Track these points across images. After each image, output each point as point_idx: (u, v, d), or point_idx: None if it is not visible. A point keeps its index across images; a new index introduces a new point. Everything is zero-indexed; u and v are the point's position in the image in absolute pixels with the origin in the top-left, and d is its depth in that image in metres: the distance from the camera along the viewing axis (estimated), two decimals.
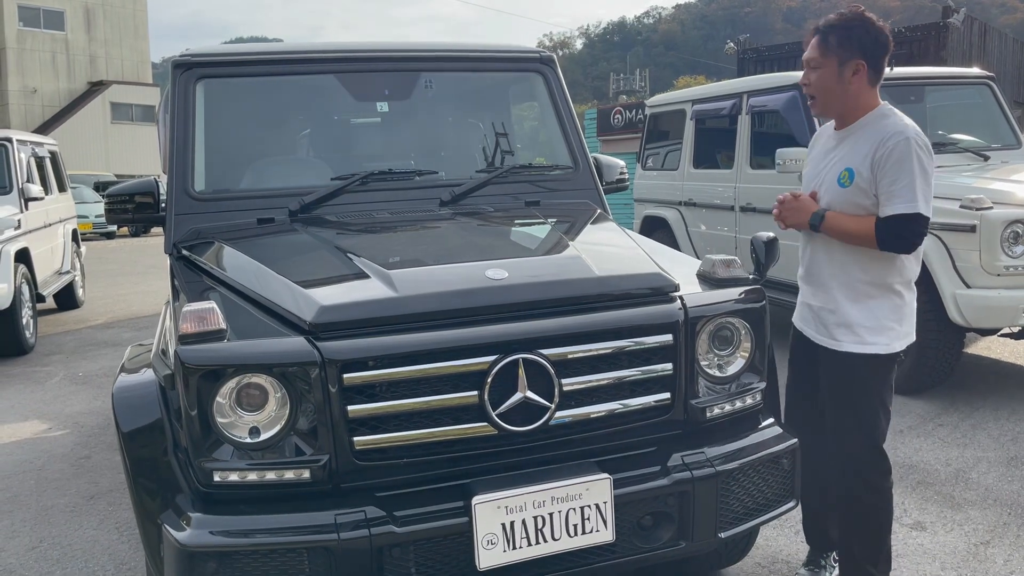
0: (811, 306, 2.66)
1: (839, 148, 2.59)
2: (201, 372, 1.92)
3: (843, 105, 2.55)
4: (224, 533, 1.92)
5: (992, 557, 3.16)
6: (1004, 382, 5.64)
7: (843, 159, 2.54)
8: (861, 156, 2.48)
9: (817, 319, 2.63)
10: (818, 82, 2.55)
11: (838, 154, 2.58)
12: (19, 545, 3.55)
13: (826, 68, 2.52)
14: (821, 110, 2.61)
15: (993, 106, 6.32)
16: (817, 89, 2.55)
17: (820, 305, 2.61)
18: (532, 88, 3.71)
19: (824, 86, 2.54)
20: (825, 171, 2.60)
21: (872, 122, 2.52)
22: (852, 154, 2.51)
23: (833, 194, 2.54)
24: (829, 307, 2.58)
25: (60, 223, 9.34)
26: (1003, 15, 74.03)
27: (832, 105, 2.57)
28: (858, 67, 2.49)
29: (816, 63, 2.54)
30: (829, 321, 2.58)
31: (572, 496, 2.07)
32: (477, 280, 2.19)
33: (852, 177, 2.48)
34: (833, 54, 2.50)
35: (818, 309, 2.62)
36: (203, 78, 3.21)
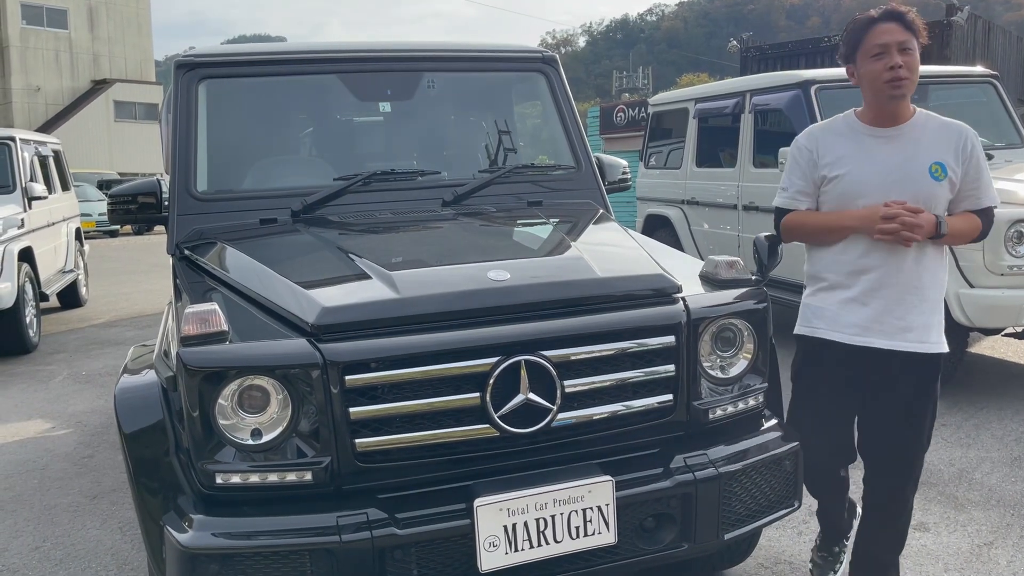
0: (886, 314, 2.47)
1: (897, 146, 2.46)
2: (203, 374, 1.92)
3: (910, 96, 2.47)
4: (226, 535, 1.93)
5: (995, 558, 3.15)
6: (1008, 382, 5.63)
7: (920, 154, 2.43)
8: (944, 150, 2.43)
9: (895, 325, 2.47)
10: (914, 64, 2.40)
11: (902, 152, 2.44)
12: (22, 545, 3.56)
13: (916, 52, 2.41)
14: (909, 95, 2.44)
15: (997, 105, 6.30)
16: (913, 71, 2.40)
17: (904, 311, 2.47)
18: (535, 88, 3.71)
19: (917, 67, 2.41)
20: (895, 169, 2.43)
21: (930, 119, 2.50)
22: (928, 149, 2.43)
23: (923, 188, 2.41)
24: (916, 311, 2.47)
25: (63, 222, 9.35)
26: (1007, 12, 73.82)
27: (912, 92, 2.44)
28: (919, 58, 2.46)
29: (908, 44, 2.39)
30: (916, 325, 2.47)
31: (574, 498, 2.06)
32: (479, 281, 2.19)
33: (945, 171, 2.42)
34: (916, 38, 2.41)
35: (900, 315, 2.47)
36: (205, 78, 3.21)
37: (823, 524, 2.94)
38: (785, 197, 2.63)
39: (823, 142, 2.57)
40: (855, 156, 2.49)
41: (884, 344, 2.48)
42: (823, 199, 2.56)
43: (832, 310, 2.54)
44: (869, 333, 2.49)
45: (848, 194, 2.48)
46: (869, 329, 2.49)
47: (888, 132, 2.48)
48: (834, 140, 2.55)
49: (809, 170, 2.57)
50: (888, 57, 2.38)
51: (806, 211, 2.59)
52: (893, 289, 2.46)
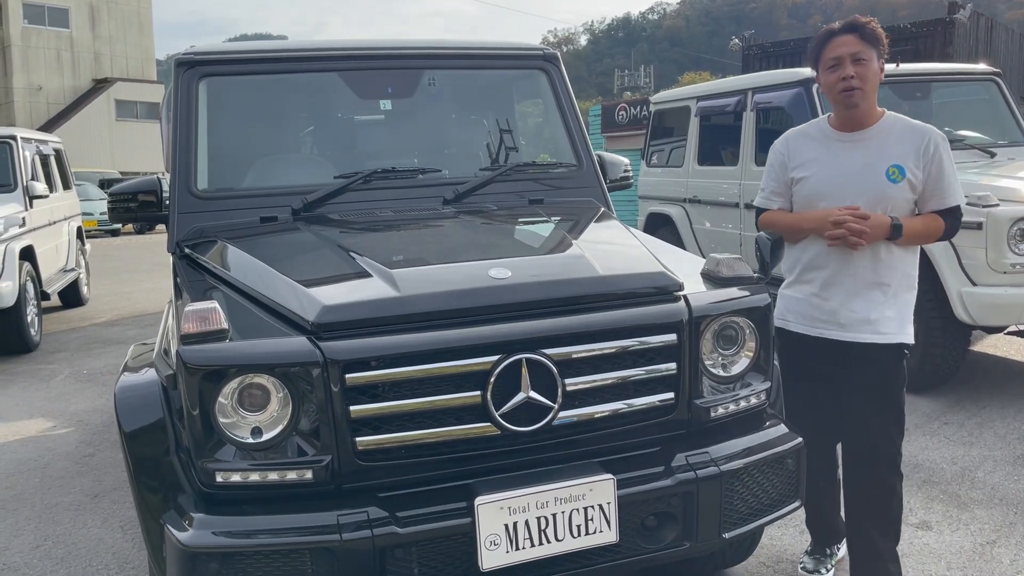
0: (842, 308, 2.62)
1: (861, 150, 2.60)
2: (203, 372, 1.92)
3: (873, 101, 2.60)
4: (226, 534, 1.92)
5: (998, 557, 3.15)
6: (1011, 380, 5.62)
7: (879, 158, 2.56)
8: (904, 153, 2.55)
9: (852, 319, 2.61)
10: (867, 74, 2.54)
11: (865, 155, 2.58)
12: (23, 543, 3.56)
13: (871, 62, 2.55)
14: (863, 104, 2.57)
15: (1000, 102, 6.29)
16: (866, 81, 2.54)
17: (860, 305, 2.60)
18: (536, 85, 3.70)
19: (872, 79, 2.55)
20: (855, 173, 2.58)
21: (896, 122, 2.62)
22: (889, 152, 2.56)
23: (880, 190, 2.55)
24: (872, 305, 2.60)
25: (65, 220, 9.35)
26: (1010, 10, 73.69)
27: (869, 100, 2.58)
28: (882, 65, 2.59)
29: (862, 56, 2.53)
30: (872, 318, 2.60)
31: (575, 497, 2.05)
32: (480, 279, 2.18)
33: (903, 173, 2.54)
34: (872, 49, 2.55)
35: (855, 308, 2.61)
36: (206, 76, 3.20)
37: (814, 530, 3.01)
38: (761, 197, 2.83)
39: (795, 146, 2.75)
40: (821, 160, 2.66)
41: (841, 336, 2.63)
42: (794, 199, 2.73)
43: (798, 303, 2.73)
44: (828, 326, 2.66)
45: (811, 195, 2.66)
46: (828, 322, 2.66)
47: (853, 136, 2.63)
48: (805, 144, 2.72)
49: (781, 173, 2.76)
50: (841, 68, 2.54)
51: (777, 211, 2.78)
52: (850, 285, 2.61)
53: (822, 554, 3.00)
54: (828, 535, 3.01)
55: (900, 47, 11.95)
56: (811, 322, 2.70)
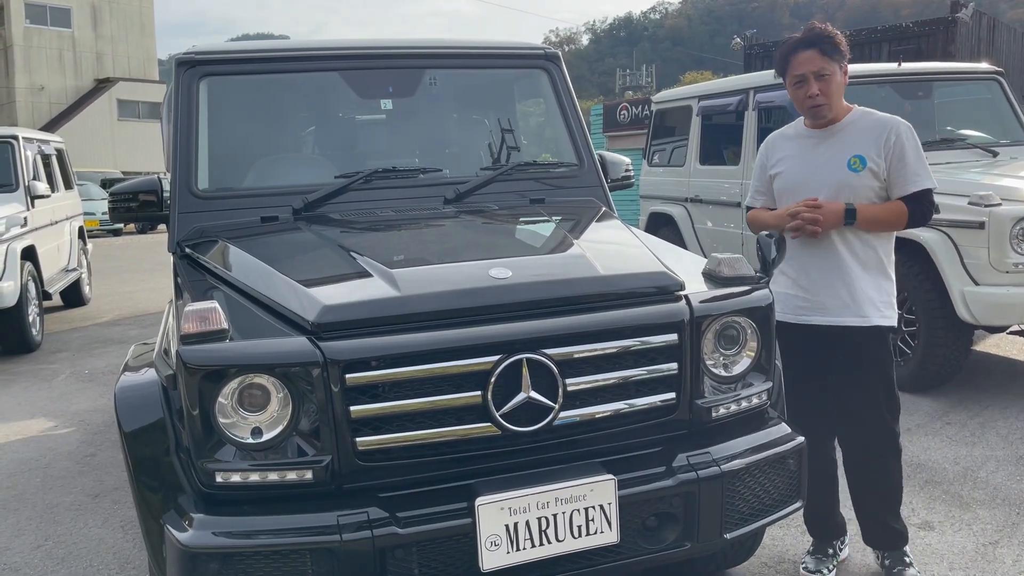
0: (819, 294, 2.77)
1: (828, 144, 2.77)
2: (203, 372, 1.91)
3: (839, 106, 2.76)
4: (226, 534, 1.92)
5: (1001, 557, 3.14)
6: (1013, 380, 5.60)
7: (843, 150, 2.73)
8: (867, 144, 2.70)
9: (832, 304, 2.75)
10: (831, 88, 2.69)
11: (830, 149, 2.76)
12: (24, 543, 3.56)
13: (834, 75, 2.70)
14: (830, 115, 2.74)
15: (1002, 101, 6.27)
16: (831, 95, 2.70)
17: (836, 290, 2.74)
18: (537, 85, 3.69)
19: (834, 90, 2.71)
20: (821, 165, 2.76)
21: (862, 117, 2.77)
22: (853, 144, 2.72)
23: (841, 180, 2.71)
24: (847, 289, 2.73)
25: (66, 220, 9.36)
26: (1012, 10, 73.56)
27: (836, 107, 2.75)
28: (846, 70, 2.75)
29: (824, 71, 2.68)
30: (849, 301, 2.73)
31: (576, 497, 2.05)
32: (481, 279, 2.17)
33: (864, 162, 2.69)
34: (835, 60, 2.69)
35: (832, 294, 2.75)
36: (206, 76, 3.20)
37: (814, 527, 3.03)
38: (749, 196, 3.09)
39: (774, 147, 2.95)
40: (792, 156, 2.85)
41: (822, 320, 2.77)
42: (774, 194, 2.92)
43: (783, 294, 2.82)
44: (811, 311, 2.79)
45: (782, 189, 2.86)
46: (810, 308, 2.79)
47: (821, 133, 2.80)
48: (782, 144, 2.92)
49: (761, 172, 2.99)
50: (807, 86, 2.70)
51: (759, 208, 3.00)
52: (822, 271, 2.76)
53: (824, 554, 2.99)
54: (828, 531, 3.02)
55: (902, 46, 11.93)
56: (794, 311, 2.82)
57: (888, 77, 6.14)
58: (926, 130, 5.95)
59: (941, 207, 4.76)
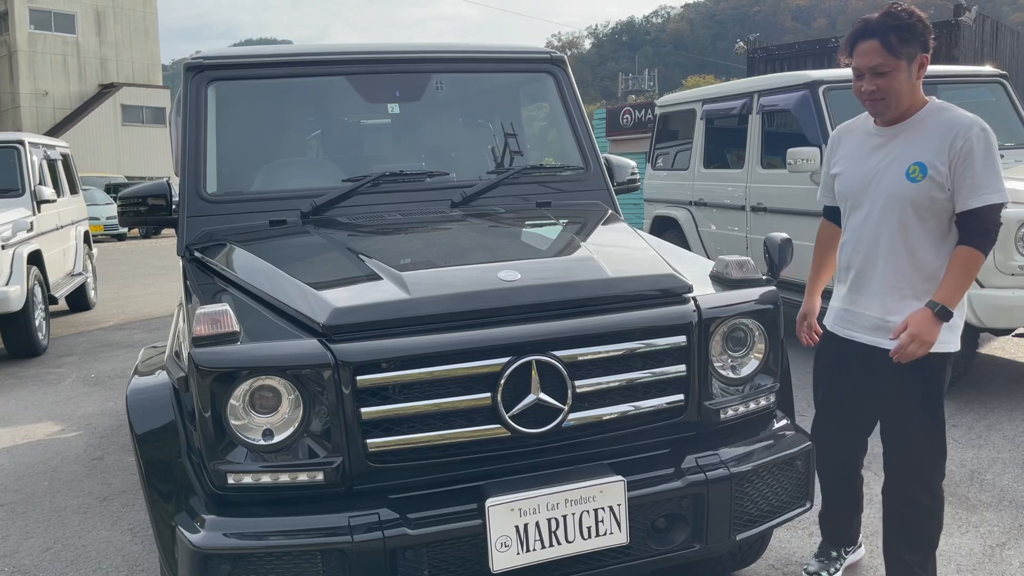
0: (864, 310, 2.58)
1: (891, 145, 2.51)
2: (215, 374, 1.93)
3: (907, 102, 2.47)
4: (238, 535, 1.93)
5: (1008, 559, 3.14)
6: (1019, 383, 5.60)
7: (904, 154, 2.46)
8: (932, 150, 2.41)
9: (874, 325, 2.56)
10: (890, 86, 2.42)
11: (892, 151, 2.49)
12: (33, 546, 3.57)
13: (896, 71, 2.41)
14: (889, 113, 2.48)
15: (1006, 104, 6.28)
16: (889, 93, 2.43)
17: (896, 311, 2.50)
18: (543, 89, 3.70)
19: (894, 88, 2.42)
20: (879, 170, 2.51)
21: (933, 115, 2.47)
22: (916, 148, 2.45)
23: (899, 190, 2.45)
24: (896, 313, 2.50)
25: (72, 225, 9.39)
26: (1015, 12, 73.53)
27: (900, 105, 2.46)
28: (923, 62, 2.44)
29: (883, 68, 2.40)
30: (894, 324, 2.48)
31: (586, 498, 2.06)
32: (489, 282, 2.19)
33: (925, 171, 2.41)
34: (901, 55, 2.40)
35: (880, 312, 2.54)
36: (215, 80, 3.22)
37: (826, 529, 2.99)
38: (819, 191, 2.90)
39: (838, 142, 2.73)
40: (853, 156, 2.62)
41: (869, 340, 2.59)
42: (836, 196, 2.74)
43: (836, 303, 2.73)
44: (857, 329, 2.64)
45: (840, 195, 2.69)
46: (858, 325, 2.63)
47: (888, 131, 2.54)
48: (846, 140, 2.69)
49: (827, 167, 2.80)
50: (862, 80, 2.46)
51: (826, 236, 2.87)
52: (876, 288, 2.56)
53: (828, 557, 2.98)
54: (839, 537, 2.99)
55: None
56: (845, 324, 2.68)
57: None
58: None
59: None
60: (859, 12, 69.47)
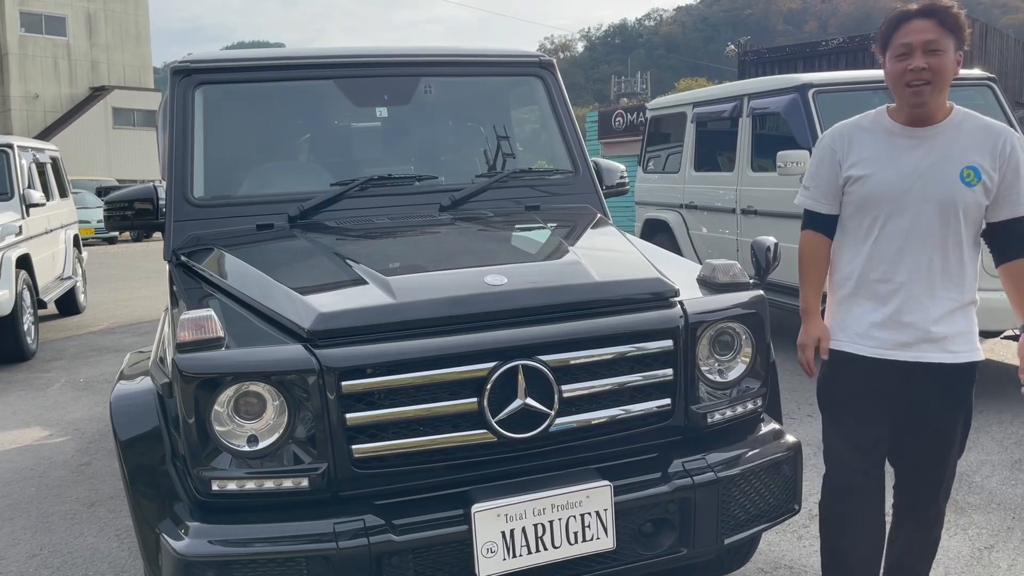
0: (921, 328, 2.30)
1: (928, 148, 2.29)
2: (199, 380, 1.91)
3: (944, 97, 2.29)
4: (222, 542, 1.92)
5: (996, 562, 3.14)
6: (1007, 385, 5.62)
7: (951, 157, 2.27)
8: (980, 152, 2.26)
9: (918, 339, 2.31)
10: (941, 66, 2.20)
11: (933, 152, 2.28)
12: (20, 552, 3.54)
13: (948, 53, 2.22)
14: (931, 102, 2.25)
15: (995, 107, 6.30)
16: (938, 74, 2.21)
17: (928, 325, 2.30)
18: (532, 92, 3.70)
19: (945, 71, 2.22)
20: (925, 174, 2.27)
21: (966, 119, 2.32)
22: (963, 151, 2.27)
23: (954, 195, 2.25)
24: (942, 323, 2.31)
25: (61, 229, 9.34)
26: (1004, 15, 73.93)
27: (941, 94, 2.27)
28: (959, 59, 2.27)
29: (937, 46, 2.20)
30: (940, 337, 2.30)
31: (572, 503, 2.05)
32: (476, 286, 2.18)
33: (979, 175, 2.25)
34: (951, 38, 2.22)
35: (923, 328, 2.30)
36: (202, 84, 3.21)
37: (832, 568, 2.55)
38: (806, 197, 2.50)
39: (851, 140, 2.40)
40: (881, 157, 2.33)
41: (906, 356, 2.32)
42: (845, 200, 2.41)
43: (855, 320, 2.39)
44: (890, 344, 2.33)
45: (870, 197, 2.33)
46: (890, 341, 2.33)
47: (920, 133, 2.31)
48: (862, 139, 2.38)
49: (831, 170, 2.41)
50: (910, 58, 2.22)
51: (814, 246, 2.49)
52: (917, 299, 2.31)
53: None
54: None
55: None
56: (879, 343, 2.35)
57: (882, 84, 6.16)
58: None
59: None
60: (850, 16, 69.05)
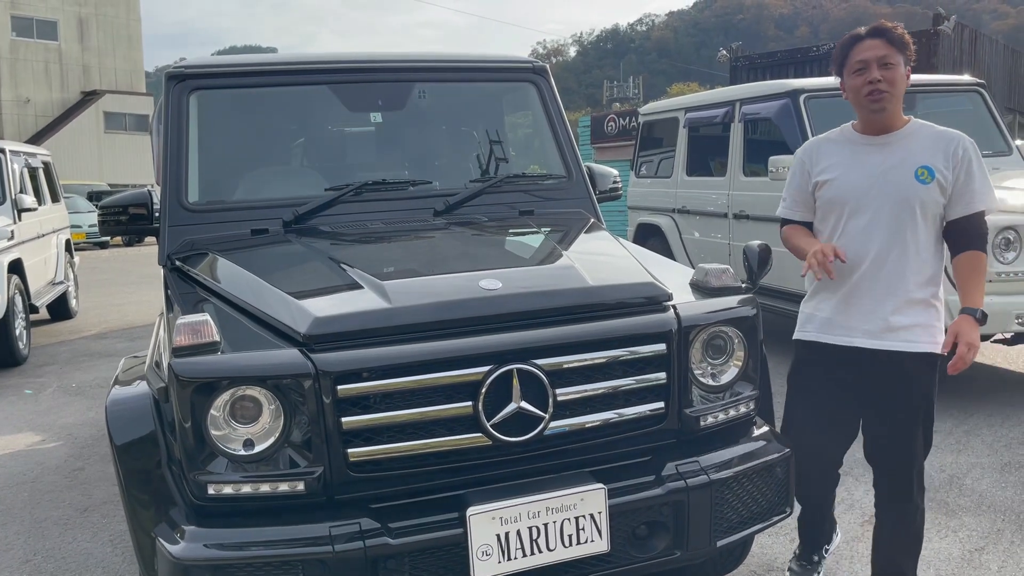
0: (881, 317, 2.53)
1: (888, 152, 2.54)
2: (195, 385, 1.92)
3: (899, 105, 2.55)
4: (218, 546, 1.92)
5: (986, 564, 3.17)
6: (998, 388, 5.66)
7: (908, 158, 2.51)
8: (934, 155, 2.51)
9: (879, 328, 2.54)
10: (894, 77, 2.49)
11: (892, 156, 2.53)
12: (12, 558, 3.54)
13: (899, 67, 2.51)
14: (889, 108, 2.52)
15: (984, 113, 6.36)
16: (892, 84, 2.49)
17: (887, 314, 2.53)
18: (525, 98, 3.72)
19: (898, 82, 2.50)
20: (881, 172, 2.53)
21: (922, 128, 2.58)
22: (918, 154, 2.51)
23: (909, 192, 2.49)
24: (900, 313, 2.53)
25: (53, 233, 9.32)
26: (994, 21, 74.44)
27: (897, 103, 2.53)
28: (908, 73, 2.55)
29: (889, 60, 2.49)
30: (899, 326, 2.53)
31: (567, 506, 2.07)
32: (471, 290, 2.19)
33: (933, 174, 2.49)
34: (900, 54, 2.51)
35: (883, 317, 2.53)
36: (196, 89, 3.21)
37: (803, 534, 3.01)
38: (783, 207, 2.80)
39: (816, 152, 2.70)
40: (845, 162, 2.61)
41: (868, 344, 2.56)
42: (818, 204, 2.68)
43: (821, 311, 2.66)
44: (854, 333, 2.58)
45: (835, 198, 2.60)
46: (854, 328, 2.58)
47: (880, 140, 2.58)
48: (828, 149, 2.68)
49: (803, 180, 2.71)
50: (868, 72, 2.50)
51: (795, 226, 2.75)
52: (879, 291, 2.55)
53: (809, 561, 3.00)
54: (817, 537, 3.01)
55: None
56: (839, 330, 2.61)
57: None
58: None
59: None
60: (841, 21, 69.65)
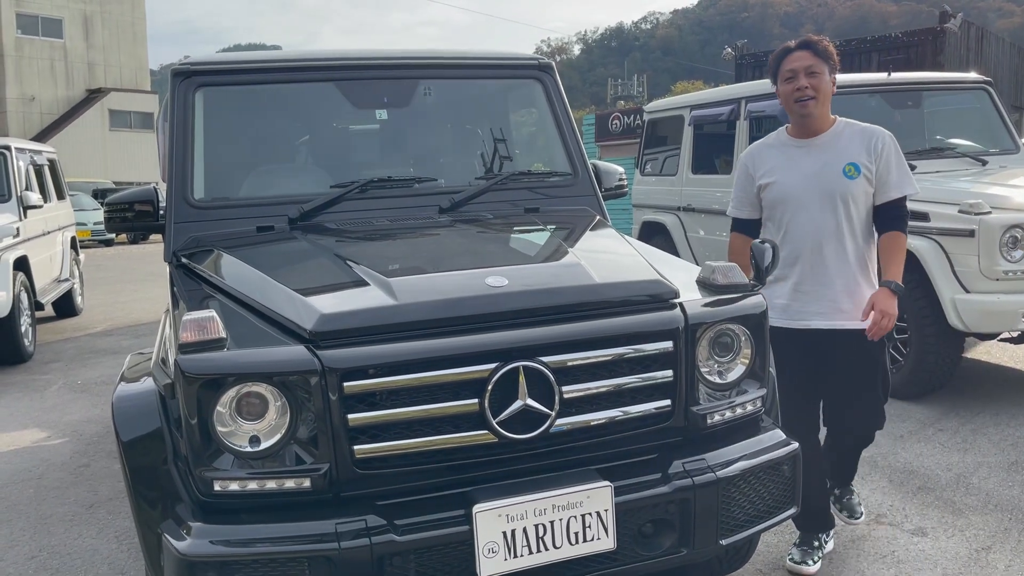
0: (830, 299, 2.89)
1: (817, 154, 2.89)
2: (201, 381, 1.92)
3: (827, 108, 2.90)
4: (224, 543, 1.92)
5: (993, 563, 3.16)
6: (1004, 386, 5.64)
7: (835, 158, 2.86)
8: (858, 151, 2.86)
9: (830, 309, 2.89)
10: (820, 84, 2.84)
11: (822, 156, 2.88)
12: (18, 554, 3.54)
13: (824, 75, 2.85)
14: (816, 112, 2.86)
15: (991, 111, 6.33)
16: (818, 91, 2.83)
17: (835, 297, 2.88)
18: (531, 95, 3.71)
19: (824, 88, 2.84)
20: (815, 172, 2.88)
21: (848, 127, 2.92)
22: (844, 153, 2.86)
23: (838, 189, 2.85)
24: (849, 295, 2.88)
25: (59, 231, 9.34)
26: (1000, 19, 74.21)
27: (824, 109, 2.88)
28: (834, 80, 2.89)
29: (815, 69, 2.84)
30: (847, 306, 2.88)
31: (573, 504, 2.06)
32: (477, 288, 2.19)
33: (859, 169, 2.84)
34: (824, 64, 2.85)
35: (832, 300, 2.88)
36: (202, 86, 3.21)
37: (804, 523, 3.08)
38: (732, 206, 3.15)
39: (758, 157, 3.03)
40: (782, 166, 2.94)
41: (824, 324, 2.90)
42: (763, 204, 3.01)
43: (782, 302, 2.95)
44: (811, 316, 2.91)
45: (777, 198, 2.94)
46: (810, 312, 2.91)
47: (809, 143, 2.92)
48: (767, 154, 3.01)
49: (747, 183, 3.05)
50: (796, 80, 2.84)
51: (733, 251, 3.08)
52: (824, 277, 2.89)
53: (810, 546, 3.06)
54: (816, 524, 3.08)
55: (891, 56, 12.02)
56: (794, 315, 2.94)
57: (878, 87, 6.19)
58: (916, 139, 6.00)
59: (931, 215, 4.82)
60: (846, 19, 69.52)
